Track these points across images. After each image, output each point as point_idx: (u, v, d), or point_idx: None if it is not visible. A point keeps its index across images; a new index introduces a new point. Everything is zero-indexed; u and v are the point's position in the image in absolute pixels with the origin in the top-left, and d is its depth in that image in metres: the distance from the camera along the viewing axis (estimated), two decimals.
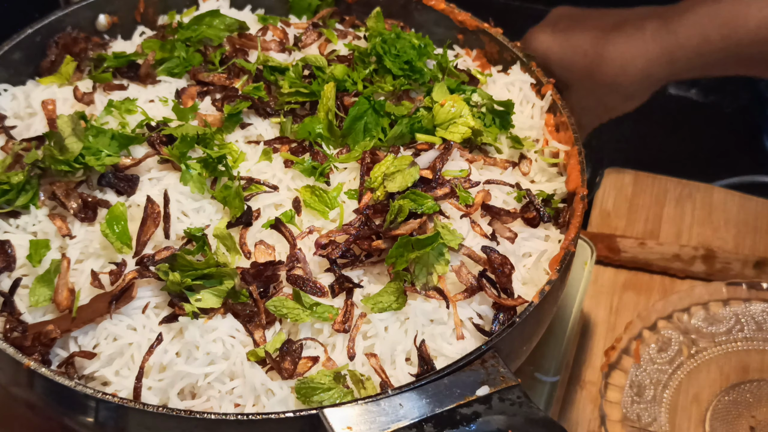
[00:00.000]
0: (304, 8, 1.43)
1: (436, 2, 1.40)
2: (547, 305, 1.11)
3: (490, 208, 1.13)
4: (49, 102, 1.23)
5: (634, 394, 1.39)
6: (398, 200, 1.08)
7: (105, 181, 1.13)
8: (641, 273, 1.59)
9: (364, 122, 1.18)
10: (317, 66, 1.25)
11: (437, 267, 1.06)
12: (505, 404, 0.95)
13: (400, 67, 1.25)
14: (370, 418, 0.93)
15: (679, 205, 1.69)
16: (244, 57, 1.30)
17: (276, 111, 1.23)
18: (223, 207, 1.11)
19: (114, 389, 0.99)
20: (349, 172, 1.17)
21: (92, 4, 1.38)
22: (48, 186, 1.14)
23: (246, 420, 0.93)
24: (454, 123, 1.18)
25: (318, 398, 0.97)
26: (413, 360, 1.03)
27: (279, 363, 0.99)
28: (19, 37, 1.31)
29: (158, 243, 1.08)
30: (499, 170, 1.20)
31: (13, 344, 1.00)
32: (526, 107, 1.30)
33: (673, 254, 1.58)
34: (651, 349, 1.44)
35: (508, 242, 1.12)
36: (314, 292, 1.04)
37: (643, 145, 1.89)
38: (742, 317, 1.48)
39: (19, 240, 1.10)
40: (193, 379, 0.99)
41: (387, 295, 1.04)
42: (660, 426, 1.36)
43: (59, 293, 1.04)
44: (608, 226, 1.66)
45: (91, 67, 1.31)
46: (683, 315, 1.48)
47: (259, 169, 1.16)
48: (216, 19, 1.32)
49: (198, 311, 1.02)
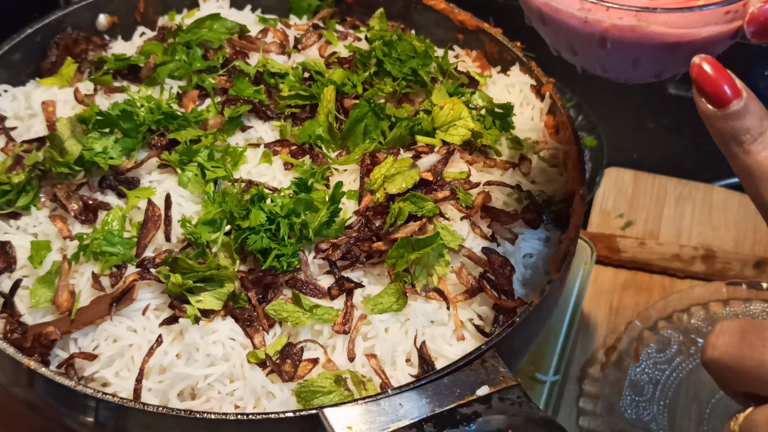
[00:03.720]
0: (304, 9, 1.43)
1: (436, 2, 1.40)
2: (547, 305, 1.11)
3: (489, 209, 1.13)
4: (49, 104, 1.23)
5: (633, 393, 1.39)
6: (398, 202, 1.09)
7: (105, 184, 1.13)
8: (641, 273, 1.59)
9: (364, 125, 1.18)
10: (316, 70, 1.25)
11: (437, 268, 1.06)
12: (505, 404, 0.95)
13: (402, 71, 1.25)
14: (370, 417, 0.93)
15: (679, 205, 1.69)
16: (244, 59, 1.31)
17: (277, 114, 1.23)
18: None
19: (114, 390, 0.99)
20: (349, 174, 1.17)
21: (92, 4, 1.38)
22: (49, 188, 1.14)
23: (246, 420, 0.94)
24: (454, 125, 1.18)
25: (318, 401, 0.97)
26: (413, 361, 1.03)
27: (279, 366, 0.99)
28: (19, 37, 1.31)
29: (159, 245, 1.09)
30: (500, 171, 1.20)
31: (13, 345, 1.00)
32: (525, 108, 1.30)
33: (672, 254, 1.58)
34: (651, 349, 1.44)
35: (508, 243, 1.12)
36: (314, 294, 1.04)
37: (643, 145, 1.89)
38: (742, 317, 1.48)
39: (19, 241, 1.10)
40: (193, 380, 0.99)
41: (387, 297, 1.04)
42: (659, 426, 1.36)
43: (60, 295, 1.04)
44: (608, 226, 1.66)
45: (92, 69, 1.31)
46: (683, 315, 1.48)
47: (259, 172, 1.16)
48: (216, 22, 1.33)
49: (199, 315, 1.02)
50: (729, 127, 0.78)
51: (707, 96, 0.78)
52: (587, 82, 1.95)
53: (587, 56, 0.92)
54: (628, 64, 0.89)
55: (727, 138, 0.78)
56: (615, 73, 0.93)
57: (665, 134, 1.91)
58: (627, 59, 0.88)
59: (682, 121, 1.93)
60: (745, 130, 0.77)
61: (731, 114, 0.77)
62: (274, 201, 1.08)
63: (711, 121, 0.79)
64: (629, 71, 0.91)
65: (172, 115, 1.18)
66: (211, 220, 1.07)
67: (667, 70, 0.90)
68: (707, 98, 0.78)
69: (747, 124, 0.77)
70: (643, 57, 0.87)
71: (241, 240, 1.06)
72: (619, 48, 0.87)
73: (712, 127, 0.79)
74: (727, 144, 0.79)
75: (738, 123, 0.77)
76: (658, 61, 0.88)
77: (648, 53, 0.86)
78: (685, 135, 1.90)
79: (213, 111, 1.22)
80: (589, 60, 0.92)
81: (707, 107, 0.79)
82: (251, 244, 1.05)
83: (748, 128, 0.77)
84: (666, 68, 0.90)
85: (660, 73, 0.91)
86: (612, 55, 0.88)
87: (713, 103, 0.78)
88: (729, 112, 0.78)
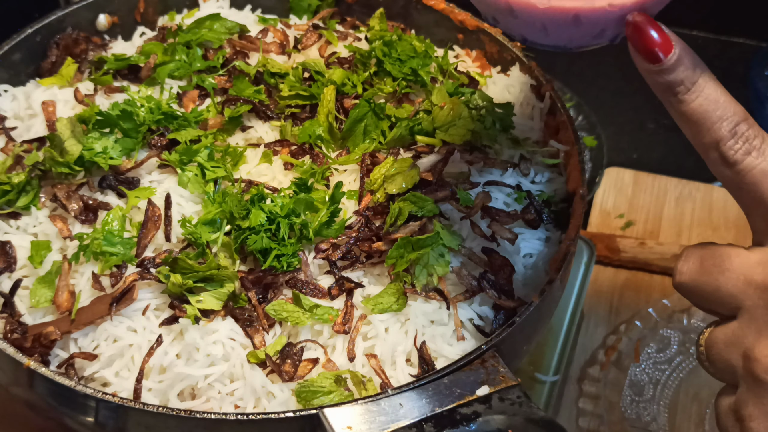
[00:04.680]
0: (304, 8, 1.43)
1: (436, 2, 1.40)
2: (547, 305, 1.11)
3: (489, 209, 1.13)
4: (49, 104, 1.23)
5: (633, 393, 1.39)
6: (398, 202, 1.09)
7: (106, 184, 1.13)
8: (641, 273, 1.59)
9: (364, 125, 1.18)
10: (316, 70, 1.25)
11: (437, 268, 1.06)
12: (505, 404, 0.95)
13: (402, 71, 1.25)
14: (370, 417, 0.93)
15: (679, 205, 1.69)
16: (244, 59, 1.31)
17: (277, 114, 1.23)
18: None
19: (114, 390, 0.99)
20: (349, 174, 1.17)
21: (92, 4, 1.38)
22: (49, 188, 1.14)
23: (246, 420, 0.94)
24: (454, 125, 1.18)
25: (318, 401, 0.97)
26: (413, 361, 1.03)
27: (279, 366, 0.99)
28: (19, 37, 1.31)
29: (159, 245, 1.09)
30: (500, 171, 1.20)
31: (13, 345, 1.00)
32: (526, 108, 1.30)
33: (673, 254, 1.58)
34: (651, 349, 1.44)
35: (508, 243, 1.12)
36: (314, 294, 1.04)
37: (643, 145, 1.89)
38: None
39: (19, 241, 1.10)
40: (193, 380, 0.99)
41: (387, 296, 1.04)
42: (659, 426, 1.36)
43: (60, 295, 1.04)
44: (608, 226, 1.66)
45: (92, 69, 1.31)
46: (683, 315, 1.48)
47: (259, 172, 1.17)
48: (216, 22, 1.33)
49: (199, 315, 1.02)
50: (664, 81, 0.83)
51: (642, 54, 0.83)
52: (587, 82, 1.97)
53: (506, 23, 0.92)
54: (559, 25, 0.88)
55: (664, 90, 0.84)
56: (554, 38, 0.92)
57: (665, 134, 1.91)
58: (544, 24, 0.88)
59: None
60: (679, 81, 0.82)
61: (666, 69, 0.82)
62: (274, 201, 1.08)
63: (648, 76, 0.84)
64: (570, 32, 0.90)
65: (172, 115, 1.18)
66: (211, 220, 1.07)
67: (588, 38, 0.90)
68: (642, 56, 0.83)
69: (681, 76, 0.82)
70: (551, 25, 0.88)
71: (241, 240, 1.06)
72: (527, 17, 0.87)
73: (650, 81, 0.84)
74: (664, 95, 0.84)
75: (672, 76, 0.82)
76: (568, 31, 0.89)
77: (556, 23, 0.87)
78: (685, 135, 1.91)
79: (213, 111, 1.23)
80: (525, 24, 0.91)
81: (643, 63, 0.83)
82: (251, 244, 1.05)
83: (682, 80, 0.82)
84: (582, 37, 0.90)
85: (588, 39, 0.91)
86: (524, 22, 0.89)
87: (648, 60, 0.83)
88: (664, 68, 0.82)
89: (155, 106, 1.18)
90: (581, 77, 1.94)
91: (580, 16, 0.87)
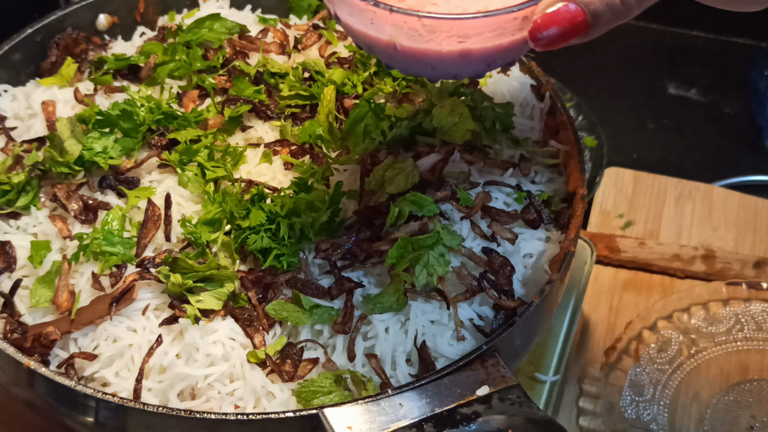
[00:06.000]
0: (304, 9, 1.43)
1: None
2: (547, 305, 1.11)
3: (489, 209, 1.13)
4: (49, 104, 1.24)
5: (633, 393, 1.39)
6: (398, 202, 1.09)
7: (105, 183, 1.13)
8: (641, 273, 1.59)
9: (364, 125, 1.18)
10: (316, 70, 1.25)
11: (437, 268, 1.06)
12: (505, 404, 0.95)
13: None
14: (370, 417, 0.93)
15: (679, 205, 1.69)
16: (244, 59, 1.31)
17: (277, 114, 1.23)
18: None
19: (114, 390, 1.00)
20: (349, 174, 1.17)
21: (92, 4, 1.38)
22: (49, 188, 1.14)
23: (246, 420, 0.94)
24: (454, 125, 1.18)
25: (318, 401, 0.97)
26: (413, 361, 1.03)
27: (279, 366, 0.99)
28: (19, 37, 1.31)
29: (158, 245, 1.09)
30: (500, 171, 1.20)
31: (13, 345, 1.00)
32: (526, 108, 1.30)
33: (673, 254, 1.58)
34: (651, 349, 1.44)
35: (508, 243, 1.12)
36: (314, 294, 1.04)
37: (643, 145, 1.89)
38: (742, 317, 1.48)
39: (19, 241, 1.10)
40: (193, 380, 0.99)
41: (387, 296, 1.04)
42: (659, 426, 1.36)
43: (60, 295, 1.04)
44: (608, 226, 1.66)
45: (92, 69, 1.31)
46: (683, 315, 1.48)
47: (259, 171, 1.17)
48: (216, 22, 1.33)
49: (199, 315, 1.02)
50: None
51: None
52: (587, 82, 1.97)
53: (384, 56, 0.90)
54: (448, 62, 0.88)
55: None
56: (443, 72, 0.91)
57: (665, 134, 1.92)
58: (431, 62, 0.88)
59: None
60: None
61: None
62: (274, 201, 1.08)
63: None
64: (457, 68, 0.90)
65: (172, 115, 1.19)
66: (211, 220, 1.07)
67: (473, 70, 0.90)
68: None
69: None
70: (439, 64, 0.88)
71: (241, 240, 1.06)
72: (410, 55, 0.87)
73: None
74: None
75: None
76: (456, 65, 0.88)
77: (442, 60, 0.87)
78: (685, 135, 1.91)
79: (213, 111, 1.23)
80: None
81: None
82: (251, 243, 1.05)
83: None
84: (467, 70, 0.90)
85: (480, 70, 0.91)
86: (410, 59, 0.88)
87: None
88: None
89: (155, 105, 1.18)
90: (581, 77, 1.94)
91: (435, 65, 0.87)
